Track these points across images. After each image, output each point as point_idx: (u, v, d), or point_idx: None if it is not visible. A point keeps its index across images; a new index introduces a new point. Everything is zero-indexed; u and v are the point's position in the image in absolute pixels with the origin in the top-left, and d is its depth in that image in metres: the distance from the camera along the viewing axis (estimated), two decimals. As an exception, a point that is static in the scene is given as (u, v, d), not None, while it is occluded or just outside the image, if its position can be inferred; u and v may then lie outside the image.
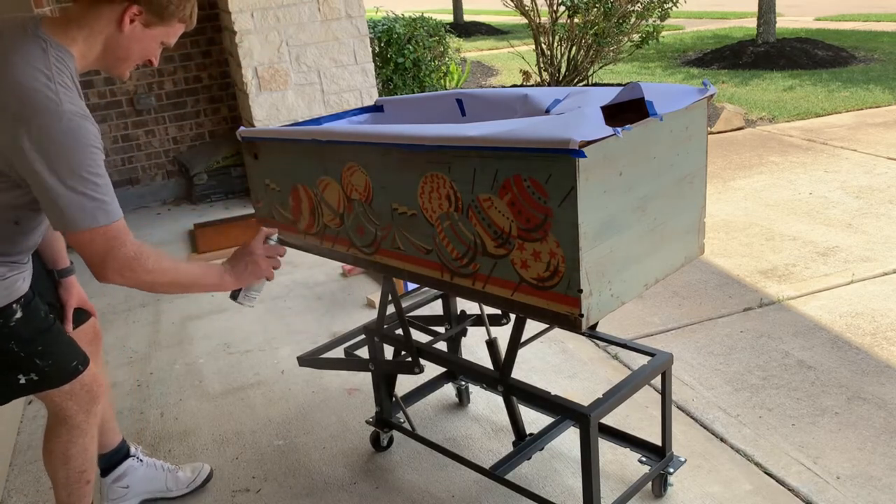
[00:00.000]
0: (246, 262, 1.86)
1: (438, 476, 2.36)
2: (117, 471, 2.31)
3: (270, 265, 1.90)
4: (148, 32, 1.65)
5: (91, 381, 1.90)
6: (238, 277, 1.86)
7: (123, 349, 3.42)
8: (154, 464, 2.37)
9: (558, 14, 7.33)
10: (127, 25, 1.61)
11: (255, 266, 1.87)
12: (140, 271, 1.66)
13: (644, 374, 2.01)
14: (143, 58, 1.72)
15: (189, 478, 2.39)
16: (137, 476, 2.33)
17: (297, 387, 2.96)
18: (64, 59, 1.59)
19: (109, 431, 2.28)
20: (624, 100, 1.80)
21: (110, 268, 1.63)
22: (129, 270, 1.65)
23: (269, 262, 1.89)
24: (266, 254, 1.89)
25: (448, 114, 2.34)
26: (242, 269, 1.86)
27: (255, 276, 1.88)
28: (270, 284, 3.97)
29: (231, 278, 1.86)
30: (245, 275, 1.87)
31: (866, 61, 8.80)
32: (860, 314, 3.15)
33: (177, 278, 1.74)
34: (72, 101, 1.55)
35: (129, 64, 1.71)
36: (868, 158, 5.23)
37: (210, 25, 5.60)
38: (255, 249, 1.87)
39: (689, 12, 13.04)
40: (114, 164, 5.63)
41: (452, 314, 2.53)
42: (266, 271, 1.89)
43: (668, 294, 3.47)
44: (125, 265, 1.63)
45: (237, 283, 1.87)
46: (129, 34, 1.63)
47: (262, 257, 1.87)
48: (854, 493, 2.15)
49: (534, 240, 1.64)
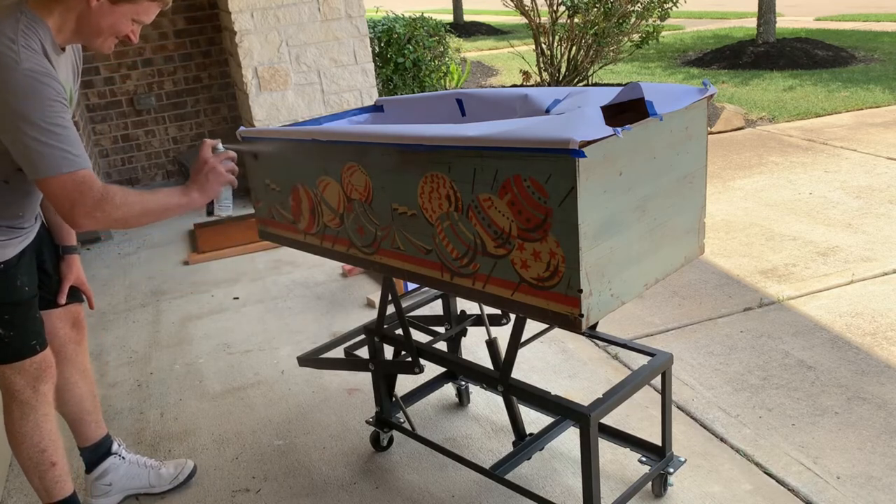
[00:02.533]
0: (205, 173, 1.91)
1: (438, 476, 2.36)
2: (99, 468, 2.33)
3: (227, 168, 1.95)
4: (116, 9, 1.73)
5: (41, 361, 1.97)
6: (203, 190, 1.91)
7: (123, 349, 3.42)
8: (136, 461, 2.39)
9: (558, 14, 7.33)
10: (94, 1, 1.70)
11: (215, 174, 1.92)
12: (110, 209, 1.73)
13: (644, 374, 2.01)
14: (116, 33, 1.79)
15: (171, 474, 2.40)
16: (119, 473, 2.35)
17: (297, 387, 2.96)
18: (35, 27, 1.69)
19: (93, 424, 2.30)
20: (624, 100, 1.81)
21: (80, 212, 1.71)
22: (100, 211, 1.72)
23: (226, 165, 1.94)
24: (219, 159, 1.93)
25: (448, 114, 2.34)
26: (204, 181, 1.91)
27: (218, 183, 1.93)
28: (270, 284, 3.97)
29: (198, 193, 1.91)
30: (209, 185, 1.92)
31: (866, 61, 8.80)
32: (860, 314, 3.15)
33: (146, 208, 1.81)
34: (33, 60, 1.64)
35: (103, 39, 1.79)
36: (868, 158, 5.23)
37: (210, 25, 5.61)
38: (208, 158, 1.92)
39: (689, 12, 13.04)
40: (114, 164, 5.64)
41: (452, 314, 2.53)
42: (226, 176, 1.94)
43: (668, 294, 3.47)
44: (95, 207, 1.71)
45: (204, 195, 1.92)
46: (97, 10, 1.72)
47: (217, 164, 1.92)
48: (854, 493, 2.15)
49: (534, 240, 1.64)
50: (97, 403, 2.32)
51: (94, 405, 2.30)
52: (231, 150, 1.98)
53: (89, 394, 2.27)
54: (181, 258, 4.51)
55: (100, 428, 2.33)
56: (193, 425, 2.77)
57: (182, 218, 5.27)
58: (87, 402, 2.27)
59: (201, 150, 1.94)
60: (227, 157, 1.95)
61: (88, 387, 2.27)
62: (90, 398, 2.28)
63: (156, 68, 5.55)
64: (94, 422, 2.31)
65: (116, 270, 4.40)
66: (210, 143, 1.95)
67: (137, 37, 1.83)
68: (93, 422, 2.30)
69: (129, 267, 4.46)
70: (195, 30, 5.58)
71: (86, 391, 2.26)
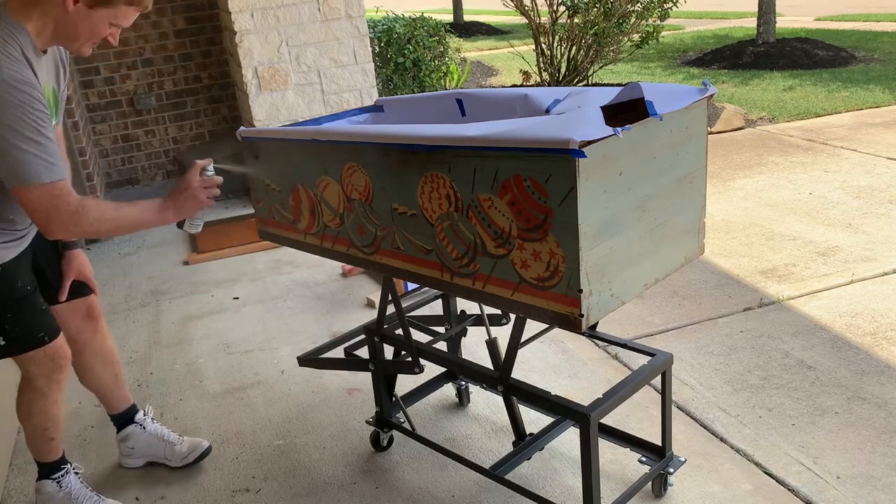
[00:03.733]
0: (185, 196, 1.95)
1: (438, 476, 2.36)
2: (124, 432, 2.52)
3: (208, 195, 1.97)
4: (93, 13, 1.75)
5: (55, 353, 2.06)
6: (178, 211, 1.96)
7: (123, 349, 3.42)
8: (157, 433, 2.53)
9: (558, 14, 7.33)
10: (71, 5, 1.71)
11: (194, 198, 1.95)
12: (83, 223, 1.79)
13: (644, 374, 2.01)
14: (94, 37, 1.81)
15: (183, 453, 2.51)
16: (140, 441, 2.51)
17: (297, 387, 2.96)
18: (14, 34, 1.71)
19: (116, 397, 2.48)
20: (624, 100, 1.81)
21: (55, 224, 1.77)
22: (74, 224, 1.78)
23: (206, 192, 1.97)
24: (203, 185, 1.96)
25: (448, 114, 2.34)
26: (182, 203, 1.95)
27: (194, 207, 1.97)
28: (270, 285, 3.97)
29: (172, 213, 1.95)
30: (185, 207, 1.96)
31: (866, 61, 8.80)
32: (860, 314, 3.15)
33: (119, 224, 1.88)
34: (12, 69, 1.67)
35: (81, 42, 1.81)
36: (868, 158, 5.23)
37: (210, 25, 5.60)
38: (192, 183, 1.95)
39: (689, 12, 13.03)
40: (114, 164, 5.63)
41: (452, 314, 2.53)
42: (204, 202, 1.98)
43: (668, 294, 3.47)
44: (69, 220, 1.77)
45: (178, 216, 1.97)
46: (74, 14, 1.73)
47: (199, 189, 1.95)
48: (854, 493, 2.15)
49: (534, 240, 1.64)
50: (119, 381, 2.46)
51: (116, 383, 2.45)
52: (218, 177, 2.00)
53: (109, 374, 2.42)
54: (181, 258, 4.51)
55: (123, 400, 2.50)
56: (193, 425, 2.77)
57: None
58: (107, 380, 2.42)
59: (189, 171, 1.96)
60: (213, 183, 1.98)
61: (108, 368, 2.41)
62: (111, 378, 2.43)
63: (156, 68, 5.55)
64: (118, 396, 2.48)
65: (116, 270, 4.40)
66: (200, 165, 1.98)
67: (117, 39, 1.85)
68: (116, 397, 2.47)
69: (129, 267, 4.46)
70: (195, 30, 5.58)
71: (104, 372, 2.40)
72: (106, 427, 2.73)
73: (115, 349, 2.44)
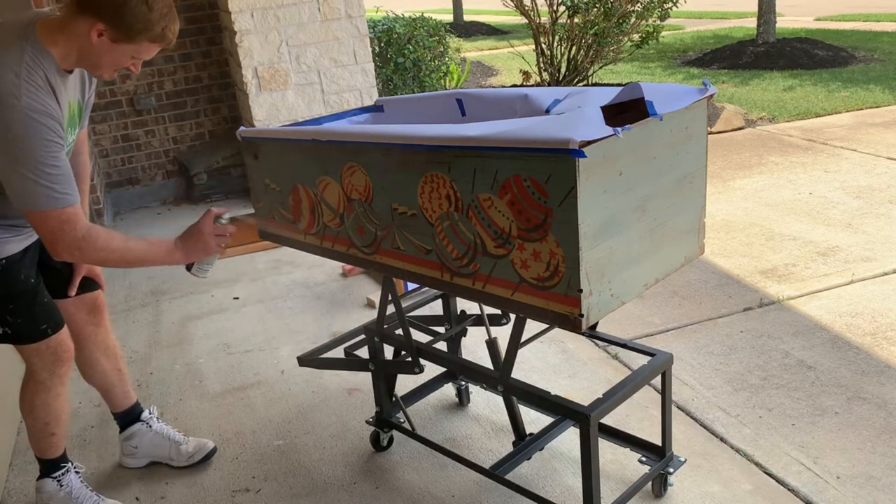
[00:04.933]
0: (196, 239, 1.97)
1: (438, 476, 2.36)
2: (128, 431, 2.52)
3: (219, 243, 2.00)
4: (116, 47, 1.78)
5: (57, 346, 2.08)
6: (187, 254, 1.98)
7: (123, 349, 3.41)
8: (163, 432, 2.53)
9: (558, 14, 7.33)
10: (95, 38, 1.75)
11: (205, 244, 1.98)
12: (89, 250, 1.83)
13: (644, 374, 2.01)
14: (115, 67, 1.85)
15: (189, 453, 2.51)
16: (145, 440, 2.51)
17: (297, 387, 2.96)
18: (40, 60, 1.75)
19: (119, 394, 2.48)
20: (624, 100, 1.81)
21: (61, 246, 1.80)
22: (78, 250, 1.81)
23: (217, 240, 2.00)
24: (215, 233, 1.99)
25: (448, 114, 2.34)
26: (192, 247, 1.98)
27: (204, 252, 2.00)
28: (270, 284, 3.97)
29: (180, 255, 1.98)
30: (194, 252, 1.99)
31: (866, 61, 8.80)
32: (860, 314, 3.15)
33: (125, 256, 1.90)
34: (33, 97, 1.70)
35: (104, 70, 1.86)
36: (868, 158, 5.23)
37: (210, 25, 5.60)
38: (205, 229, 1.98)
39: (689, 12, 13.03)
40: (114, 164, 5.64)
41: (452, 314, 2.53)
42: (215, 249, 2.00)
43: (668, 294, 3.47)
44: (74, 245, 1.80)
45: (186, 259, 1.99)
46: (98, 46, 1.77)
47: (210, 236, 1.98)
48: (854, 493, 2.15)
49: (534, 240, 1.64)
50: (123, 378, 2.47)
51: (120, 379, 2.46)
52: (231, 226, 2.02)
53: (113, 369, 2.43)
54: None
55: (127, 398, 2.50)
56: (193, 425, 2.77)
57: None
58: (112, 376, 2.43)
59: (203, 219, 1.99)
60: (225, 231, 2.01)
61: (112, 363, 2.42)
62: (114, 373, 2.43)
63: (156, 68, 5.55)
64: (122, 393, 2.48)
65: (116, 270, 4.39)
66: (215, 213, 2.01)
67: (139, 69, 1.89)
68: (119, 393, 2.47)
69: (129, 267, 4.45)
70: (195, 30, 5.58)
71: (109, 367, 2.42)
72: (106, 427, 2.73)
73: (118, 345, 2.46)
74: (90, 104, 2.12)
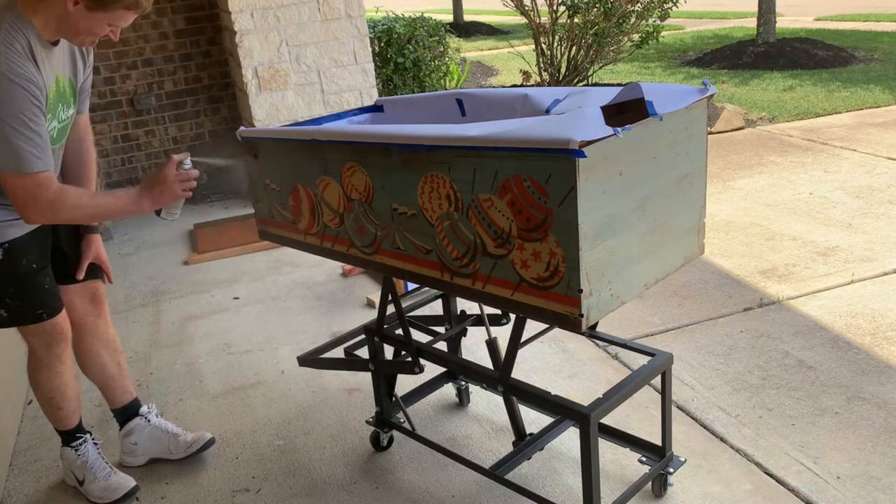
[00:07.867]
0: (161, 188, 2.00)
1: (438, 476, 2.36)
2: (127, 427, 2.53)
3: (184, 188, 2.02)
4: (92, 15, 1.84)
5: (52, 328, 2.16)
6: (154, 201, 2.01)
7: (123, 349, 3.40)
8: (161, 426, 2.54)
9: (558, 14, 7.33)
10: (71, 6, 1.81)
11: (171, 191, 2.01)
12: (61, 210, 1.90)
13: (644, 374, 2.01)
14: (93, 34, 1.90)
15: (188, 442, 2.53)
16: (144, 435, 2.52)
17: (297, 387, 2.96)
18: (20, 27, 1.81)
19: (118, 389, 2.50)
20: (624, 100, 1.81)
21: (32, 209, 1.87)
22: (51, 211, 1.88)
23: (182, 185, 2.02)
24: (179, 178, 2.01)
25: (448, 114, 2.34)
26: (158, 195, 2.01)
27: (170, 199, 2.03)
28: (270, 284, 3.97)
29: (148, 203, 2.01)
30: (160, 199, 2.02)
31: (866, 61, 8.80)
32: (860, 314, 3.15)
33: (96, 212, 1.99)
34: (13, 61, 1.76)
35: (82, 37, 1.91)
36: (868, 158, 5.23)
37: (210, 25, 5.60)
38: (168, 177, 2.00)
39: (689, 12, 13.03)
40: (114, 164, 5.63)
41: (452, 314, 2.53)
42: (181, 194, 2.03)
43: (668, 294, 3.47)
44: (47, 207, 1.87)
45: (154, 206, 2.03)
46: (74, 14, 1.83)
47: (175, 182, 2.01)
48: (854, 493, 2.15)
49: (534, 240, 1.64)
50: (123, 372, 2.49)
51: (120, 373, 2.48)
52: (194, 171, 2.03)
53: (113, 363, 2.45)
54: (181, 258, 4.51)
55: (126, 393, 2.52)
56: (193, 425, 2.76)
57: (182, 218, 5.26)
58: (111, 369, 2.45)
59: (166, 165, 2.01)
60: (189, 176, 2.02)
61: (111, 356, 2.45)
62: (114, 367, 2.46)
63: (156, 68, 5.55)
64: (121, 388, 2.50)
65: (116, 270, 4.38)
66: (177, 159, 2.02)
67: (118, 36, 1.94)
68: (118, 388, 2.49)
69: (129, 267, 4.46)
70: (195, 30, 5.58)
71: (108, 360, 2.44)
72: (106, 427, 2.73)
73: (118, 339, 2.49)
74: (87, 88, 2.16)
